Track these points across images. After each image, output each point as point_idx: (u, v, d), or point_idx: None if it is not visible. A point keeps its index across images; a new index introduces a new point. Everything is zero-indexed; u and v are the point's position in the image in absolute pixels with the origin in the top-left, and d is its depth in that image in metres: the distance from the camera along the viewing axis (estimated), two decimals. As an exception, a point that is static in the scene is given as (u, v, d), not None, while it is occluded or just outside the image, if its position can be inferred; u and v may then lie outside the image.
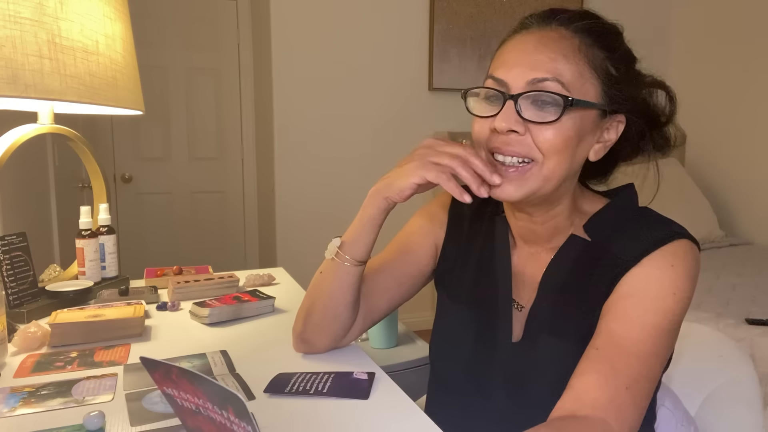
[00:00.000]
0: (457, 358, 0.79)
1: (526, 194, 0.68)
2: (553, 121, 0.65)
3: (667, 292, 0.65)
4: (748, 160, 3.21)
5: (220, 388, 0.45)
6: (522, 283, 0.77)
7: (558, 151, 0.66)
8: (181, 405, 0.53)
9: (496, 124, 0.66)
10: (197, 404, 0.50)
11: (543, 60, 0.66)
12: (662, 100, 0.74)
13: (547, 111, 0.65)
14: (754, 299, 2.02)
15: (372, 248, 0.80)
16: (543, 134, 0.66)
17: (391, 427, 0.66)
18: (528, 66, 0.66)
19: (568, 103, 0.65)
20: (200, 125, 3.38)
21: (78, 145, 1.19)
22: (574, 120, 0.66)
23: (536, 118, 0.66)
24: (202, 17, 3.29)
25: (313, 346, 0.86)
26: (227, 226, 3.49)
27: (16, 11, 0.87)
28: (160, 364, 0.50)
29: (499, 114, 0.67)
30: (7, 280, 0.98)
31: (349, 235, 0.79)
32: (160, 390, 0.54)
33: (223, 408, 0.46)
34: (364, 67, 3.00)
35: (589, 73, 0.67)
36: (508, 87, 0.67)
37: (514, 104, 0.66)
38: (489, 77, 0.70)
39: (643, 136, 0.73)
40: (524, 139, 0.66)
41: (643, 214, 0.73)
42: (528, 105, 0.66)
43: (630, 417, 0.60)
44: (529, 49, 0.67)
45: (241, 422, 0.45)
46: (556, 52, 0.66)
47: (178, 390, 0.51)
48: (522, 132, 0.66)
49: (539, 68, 0.66)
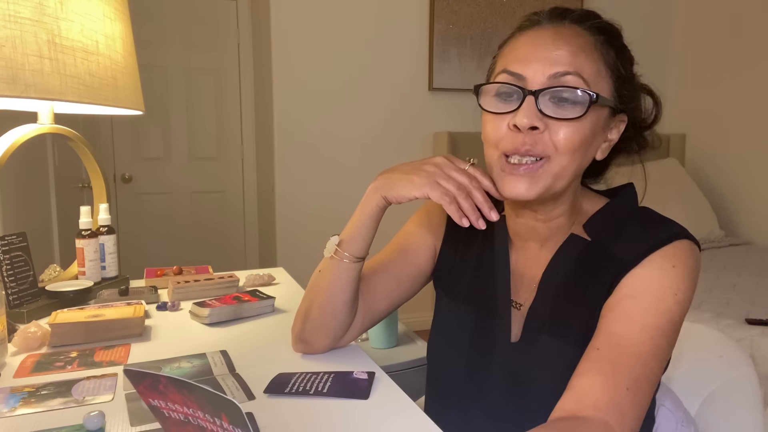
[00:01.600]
0: (455, 359, 0.79)
1: (538, 193, 0.67)
2: (577, 117, 0.64)
3: (667, 292, 0.64)
4: (748, 159, 3.21)
5: (213, 394, 0.44)
6: (521, 282, 0.77)
7: (574, 149, 0.66)
8: (168, 416, 0.51)
9: (518, 120, 0.65)
10: (186, 414, 0.48)
11: (563, 54, 0.65)
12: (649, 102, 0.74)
13: (566, 107, 0.65)
14: (754, 299, 2.02)
15: (370, 244, 0.80)
16: (562, 131, 0.65)
17: (391, 427, 0.66)
18: (547, 60, 0.65)
19: (593, 100, 0.64)
20: (200, 125, 3.38)
21: (78, 145, 1.19)
22: (592, 118, 0.66)
23: (557, 115, 0.65)
24: (202, 17, 3.29)
25: (312, 347, 0.86)
26: (227, 226, 3.49)
27: (16, 11, 0.87)
28: (146, 374, 0.48)
29: (520, 110, 0.65)
30: (7, 280, 0.98)
31: (348, 233, 0.79)
32: (145, 402, 0.52)
33: (215, 415, 0.45)
34: (364, 66, 3.00)
35: (604, 71, 0.67)
36: (526, 82, 0.66)
37: (534, 100, 0.65)
38: (503, 72, 0.68)
39: (633, 137, 0.74)
40: (542, 136, 0.66)
41: (643, 214, 0.73)
42: (546, 101, 0.65)
43: (631, 418, 0.60)
44: (547, 44, 0.66)
45: (236, 429, 0.44)
46: (575, 47, 0.66)
47: (165, 401, 0.49)
48: (542, 129, 0.65)
49: (560, 62, 0.65)
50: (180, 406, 0.48)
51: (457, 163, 0.73)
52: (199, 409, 0.46)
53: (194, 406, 0.47)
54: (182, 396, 0.47)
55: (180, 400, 0.48)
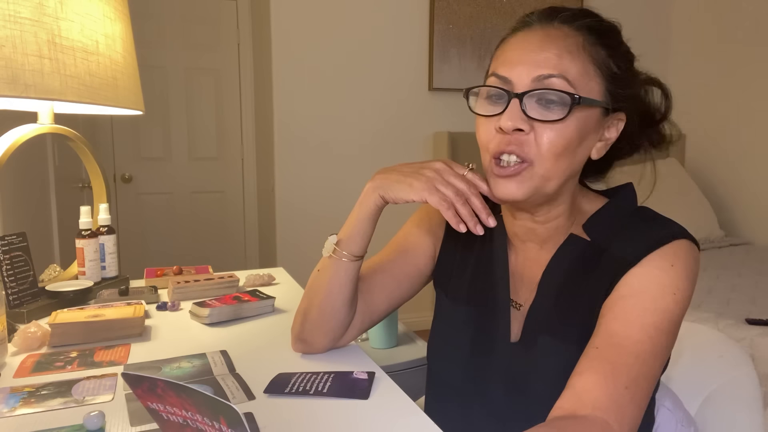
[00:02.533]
0: (455, 359, 0.79)
1: (527, 193, 0.68)
2: (559, 120, 0.65)
3: (666, 292, 0.65)
4: (748, 159, 3.21)
5: (211, 398, 0.44)
6: (520, 283, 0.77)
7: (557, 152, 0.66)
8: (166, 419, 0.51)
9: (502, 123, 0.66)
10: (185, 417, 0.48)
11: (548, 57, 0.66)
12: (657, 97, 0.74)
13: (552, 109, 0.65)
14: (754, 299, 2.02)
15: (368, 242, 0.80)
16: (546, 133, 0.66)
17: (391, 427, 0.66)
18: (533, 63, 0.66)
19: (575, 101, 0.64)
20: (200, 125, 3.38)
21: (78, 145, 1.19)
22: (578, 119, 0.66)
23: (541, 117, 0.65)
24: (202, 17, 3.29)
25: (311, 346, 0.86)
26: (227, 226, 3.49)
27: (16, 11, 0.87)
28: (144, 378, 0.48)
29: (505, 113, 0.66)
30: (7, 280, 0.98)
31: (346, 231, 0.79)
32: (144, 405, 0.52)
33: (214, 419, 0.45)
34: (364, 66, 3.00)
35: (593, 71, 0.67)
36: (512, 85, 0.67)
37: (519, 102, 0.65)
38: (492, 75, 0.70)
39: (641, 134, 0.74)
40: (528, 138, 0.66)
41: (642, 213, 0.73)
42: (533, 104, 0.66)
43: (630, 417, 0.60)
44: (533, 47, 0.67)
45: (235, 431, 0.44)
46: (561, 49, 0.66)
47: (163, 404, 0.49)
48: (527, 131, 0.66)
49: (545, 65, 0.65)
50: (179, 410, 0.48)
51: (456, 168, 0.73)
52: (198, 412, 0.46)
53: (192, 409, 0.47)
54: (180, 399, 0.47)
55: (178, 403, 0.47)
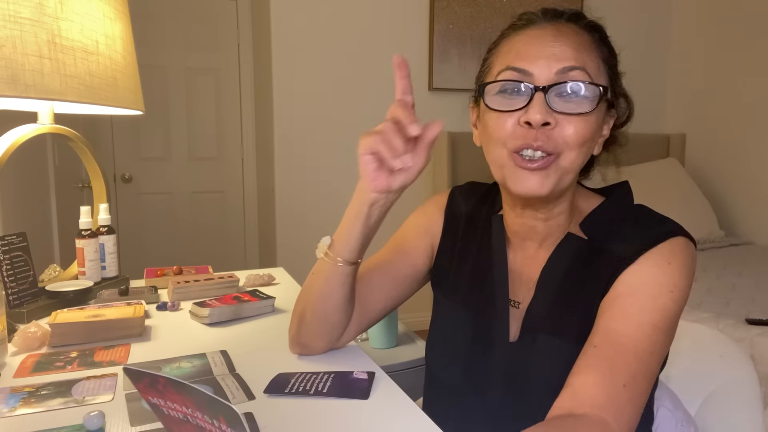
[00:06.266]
0: (453, 358, 0.79)
1: (550, 189, 0.67)
2: (587, 112, 0.65)
3: (664, 289, 0.65)
4: (748, 159, 3.21)
5: (210, 397, 0.44)
6: (519, 282, 0.77)
7: (583, 144, 0.66)
8: (167, 414, 0.51)
9: (530, 117, 0.64)
10: (185, 413, 0.48)
11: (567, 50, 0.66)
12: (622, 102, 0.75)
13: (574, 101, 0.65)
14: (754, 299, 2.02)
15: (362, 245, 0.76)
16: (572, 126, 0.65)
17: (391, 427, 0.66)
18: (553, 56, 0.65)
19: (603, 93, 0.65)
20: (200, 125, 3.38)
21: (78, 145, 1.19)
22: (599, 112, 0.67)
23: (566, 110, 0.65)
24: (202, 17, 3.29)
25: (308, 349, 0.85)
26: (227, 226, 3.49)
27: (16, 11, 0.88)
28: (145, 374, 0.49)
29: (531, 106, 0.65)
30: (7, 280, 0.98)
31: (338, 233, 0.77)
32: (145, 399, 0.52)
33: (213, 417, 0.45)
34: (364, 66, 3.00)
35: (602, 67, 0.68)
36: (533, 78, 0.66)
37: (544, 96, 0.65)
38: (507, 69, 0.68)
39: (614, 133, 0.75)
40: (553, 132, 0.65)
41: (639, 211, 0.74)
42: (553, 97, 0.65)
43: (628, 415, 0.60)
44: (549, 41, 0.66)
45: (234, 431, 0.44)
46: (577, 44, 0.66)
47: (164, 399, 0.50)
48: (553, 125, 0.65)
49: (565, 58, 0.65)
50: (179, 406, 0.48)
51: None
52: (198, 410, 0.46)
53: (192, 406, 0.47)
54: (180, 396, 0.47)
55: (179, 400, 0.48)
